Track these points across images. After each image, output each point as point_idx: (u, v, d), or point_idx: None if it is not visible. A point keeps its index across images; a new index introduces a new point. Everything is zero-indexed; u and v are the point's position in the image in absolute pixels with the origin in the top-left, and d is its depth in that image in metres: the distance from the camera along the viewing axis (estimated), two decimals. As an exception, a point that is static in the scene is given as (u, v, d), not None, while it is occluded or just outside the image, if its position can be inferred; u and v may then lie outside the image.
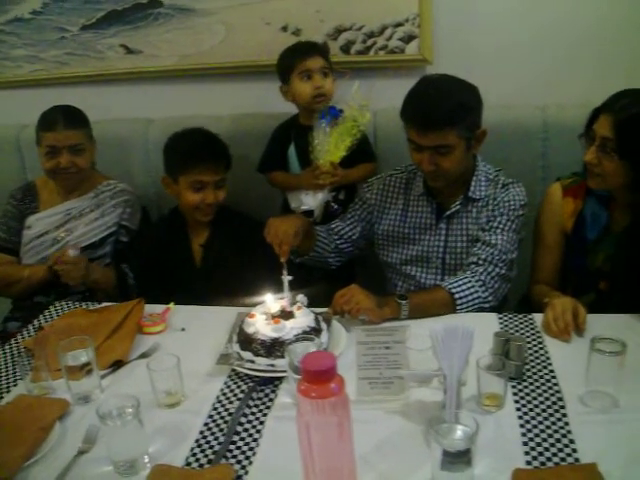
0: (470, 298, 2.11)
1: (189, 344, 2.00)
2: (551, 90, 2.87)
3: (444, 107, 2.06)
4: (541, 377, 1.72)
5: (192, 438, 1.58)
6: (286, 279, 2.03)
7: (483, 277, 2.15)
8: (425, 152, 2.12)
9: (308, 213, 2.67)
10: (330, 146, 2.55)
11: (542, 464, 1.41)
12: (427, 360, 1.61)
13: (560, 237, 2.29)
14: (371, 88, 2.55)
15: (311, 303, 2.01)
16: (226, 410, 1.69)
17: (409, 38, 2.91)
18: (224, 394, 1.76)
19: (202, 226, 2.62)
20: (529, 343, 1.88)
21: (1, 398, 1.81)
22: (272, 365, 1.79)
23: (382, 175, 2.49)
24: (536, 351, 1.85)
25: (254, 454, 1.52)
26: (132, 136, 3.21)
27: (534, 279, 2.35)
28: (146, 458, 1.50)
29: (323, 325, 1.92)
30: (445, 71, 2.22)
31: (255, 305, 1.98)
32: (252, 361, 1.81)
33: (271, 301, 1.92)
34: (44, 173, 2.74)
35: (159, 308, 2.20)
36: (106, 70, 3.32)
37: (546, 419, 1.55)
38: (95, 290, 2.63)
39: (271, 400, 1.72)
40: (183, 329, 2.12)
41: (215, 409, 1.69)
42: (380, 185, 2.46)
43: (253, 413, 1.67)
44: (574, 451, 1.44)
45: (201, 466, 1.49)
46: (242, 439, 1.57)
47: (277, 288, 2.01)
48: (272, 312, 1.89)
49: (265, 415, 1.66)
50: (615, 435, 1.48)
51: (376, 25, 2.93)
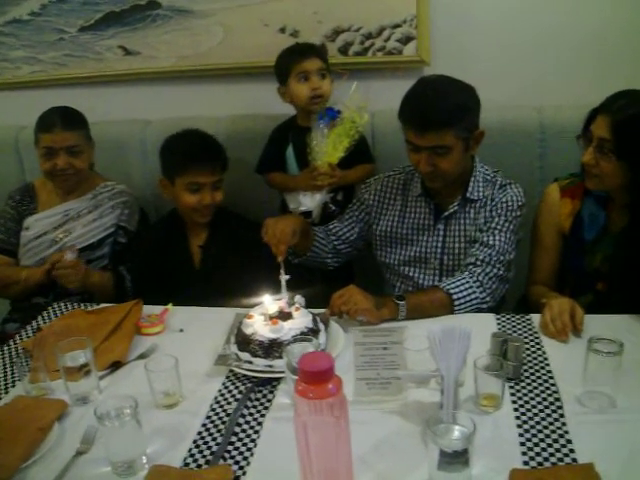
0: (468, 299, 2.11)
1: (187, 345, 2.00)
2: (549, 92, 2.87)
3: (442, 108, 2.06)
4: (538, 377, 1.73)
5: (190, 439, 1.58)
6: (284, 278, 2.04)
7: (481, 278, 2.15)
8: (423, 153, 2.13)
9: (306, 214, 2.67)
10: (328, 147, 2.55)
11: (539, 464, 1.41)
12: (424, 361, 1.61)
13: (558, 238, 2.29)
14: (369, 89, 2.55)
15: (309, 304, 2.01)
16: (224, 411, 1.69)
17: (407, 39, 2.91)
18: (222, 395, 1.76)
19: (200, 227, 2.62)
20: (527, 344, 1.88)
21: (-1, 399, 1.81)
22: (270, 366, 1.79)
23: (380, 176, 2.50)
24: (534, 352, 1.85)
25: (252, 455, 1.52)
26: (130, 137, 3.21)
27: (532, 280, 2.35)
28: (144, 459, 1.50)
29: (321, 326, 1.92)
30: (442, 72, 2.22)
31: (253, 306, 1.98)
32: (250, 362, 1.81)
33: (269, 302, 1.91)
34: (42, 174, 2.74)
35: (157, 309, 2.20)
36: (104, 71, 3.32)
37: (543, 419, 1.56)
38: (92, 293, 2.63)
39: (269, 401, 1.72)
40: (181, 330, 2.13)
41: (213, 410, 1.69)
42: (378, 186, 2.46)
43: (251, 414, 1.67)
44: (571, 451, 1.44)
45: (199, 467, 1.49)
46: (240, 440, 1.57)
47: (276, 289, 2.01)
48: (270, 313, 1.88)
49: (263, 416, 1.66)
50: (612, 435, 1.48)
51: (374, 26, 2.94)
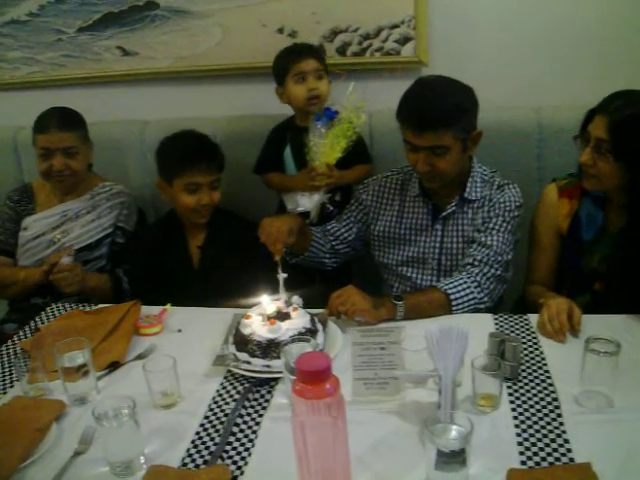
0: (466, 299, 2.11)
1: (185, 345, 2.00)
2: (547, 92, 2.87)
3: (440, 108, 2.06)
4: (536, 377, 1.73)
5: (188, 439, 1.59)
6: (281, 277, 2.04)
7: (479, 278, 2.16)
8: (421, 153, 2.13)
9: (304, 215, 2.67)
10: (326, 148, 2.54)
11: (537, 464, 1.42)
12: (422, 361, 1.61)
13: (555, 238, 2.30)
14: (366, 90, 2.54)
15: (307, 304, 2.01)
16: (222, 411, 1.69)
17: (405, 40, 2.92)
18: (220, 395, 1.76)
19: (199, 228, 2.62)
20: (524, 344, 1.88)
21: (-2, 400, 1.81)
22: (268, 366, 1.79)
23: (378, 176, 2.50)
24: (531, 352, 1.85)
25: (250, 455, 1.52)
26: (128, 138, 3.21)
27: (529, 280, 2.35)
28: (142, 459, 1.50)
29: (319, 326, 1.92)
30: (440, 73, 2.22)
31: (251, 306, 1.98)
32: (248, 362, 1.81)
33: (267, 302, 1.91)
34: (39, 175, 2.74)
35: (156, 309, 2.20)
36: (102, 72, 3.32)
37: (541, 419, 1.56)
38: (90, 296, 2.62)
39: (267, 401, 1.72)
40: (179, 330, 2.13)
41: (211, 410, 1.69)
42: (376, 186, 2.46)
43: (249, 414, 1.67)
44: (569, 451, 1.44)
45: (197, 466, 1.49)
46: (238, 440, 1.57)
47: (274, 289, 2.01)
48: (268, 313, 1.88)
49: (261, 416, 1.66)
50: (609, 435, 1.49)
51: (372, 27, 2.94)
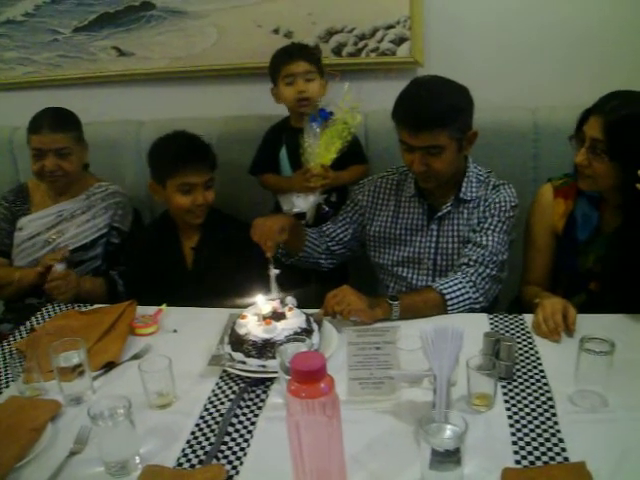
0: (461, 299, 2.11)
1: (181, 345, 2.00)
2: (543, 94, 2.88)
3: (435, 108, 2.07)
4: (531, 377, 1.73)
5: (183, 439, 1.59)
6: (273, 273, 2.04)
7: (474, 278, 2.16)
8: (416, 153, 2.13)
9: (300, 215, 2.67)
10: (321, 149, 2.55)
11: (531, 463, 1.42)
12: (417, 360, 1.61)
13: (551, 238, 2.30)
14: (362, 90, 2.54)
15: (303, 304, 2.01)
16: (217, 411, 1.69)
17: (400, 40, 2.92)
18: (215, 395, 1.76)
19: (192, 229, 2.61)
20: (519, 343, 1.89)
21: (-7, 400, 1.81)
22: (263, 366, 1.79)
23: (373, 177, 2.50)
24: (526, 351, 1.86)
25: (245, 454, 1.52)
26: (124, 138, 3.21)
27: (525, 280, 2.36)
28: (137, 459, 1.50)
29: (314, 326, 1.92)
30: (436, 73, 2.22)
31: (247, 306, 1.98)
32: (243, 362, 1.81)
33: (262, 302, 1.91)
34: (33, 175, 2.74)
35: (151, 310, 2.20)
36: (98, 72, 3.32)
37: (535, 418, 1.56)
38: (85, 300, 2.60)
39: (262, 401, 1.72)
40: (175, 330, 2.13)
41: (206, 410, 1.70)
42: (371, 187, 2.46)
43: (244, 414, 1.67)
44: (563, 450, 1.45)
45: (192, 466, 1.50)
46: (233, 439, 1.57)
47: (268, 288, 2.02)
48: (263, 313, 1.88)
49: (256, 416, 1.66)
50: (604, 434, 1.49)
51: (367, 27, 2.94)
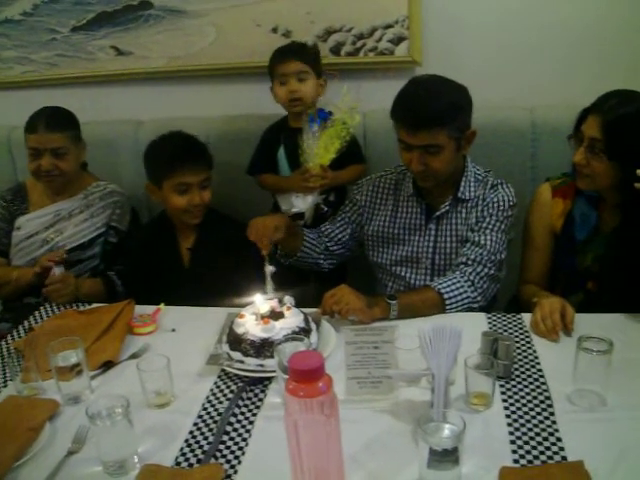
0: (459, 298, 2.11)
1: (179, 345, 2.00)
2: (542, 93, 2.88)
3: (434, 107, 2.07)
4: (529, 376, 1.73)
5: (182, 438, 1.59)
6: (268, 270, 2.05)
7: (472, 277, 2.16)
8: (415, 152, 2.13)
9: (298, 215, 2.67)
10: (320, 149, 2.54)
11: (529, 462, 1.42)
12: (415, 360, 1.61)
13: (549, 237, 2.30)
14: (360, 89, 2.53)
15: (301, 303, 2.01)
16: (216, 410, 1.69)
17: (398, 40, 2.92)
18: (214, 394, 1.76)
19: (190, 229, 2.60)
20: (517, 342, 1.89)
21: (-9, 399, 1.81)
22: (261, 365, 1.79)
23: (372, 176, 2.50)
24: (524, 350, 1.86)
25: (243, 454, 1.52)
26: (122, 137, 3.21)
27: (523, 279, 2.36)
28: (135, 458, 1.50)
29: (312, 325, 1.92)
30: (434, 72, 2.22)
31: (244, 305, 1.98)
32: (242, 361, 1.81)
33: (261, 301, 1.91)
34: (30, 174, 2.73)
35: (149, 309, 2.20)
36: (96, 71, 3.32)
37: (534, 418, 1.56)
38: (83, 301, 2.59)
39: (260, 400, 1.72)
40: (173, 330, 2.13)
41: (205, 409, 1.70)
42: (370, 186, 2.46)
43: (242, 413, 1.67)
44: (561, 449, 1.45)
45: (190, 466, 1.50)
46: (231, 439, 1.57)
47: (264, 286, 2.02)
48: (262, 312, 1.88)
49: (254, 415, 1.66)
50: (602, 433, 1.49)
51: (366, 27, 2.94)
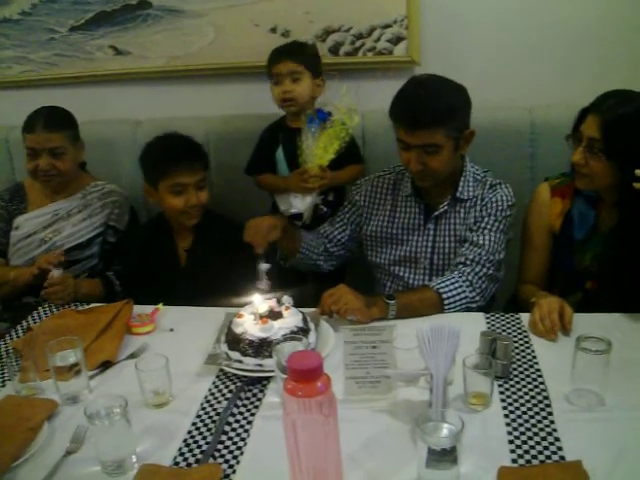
0: (458, 298, 2.11)
1: (177, 344, 2.00)
2: (541, 93, 2.87)
3: (432, 107, 2.07)
4: (527, 376, 1.74)
5: (180, 438, 1.59)
6: (263, 267, 2.06)
7: (470, 277, 2.16)
8: (413, 151, 2.13)
9: (297, 216, 2.67)
10: (318, 150, 2.54)
11: (528, 462, 1.42)
12: (414, 359, 1.61)
13: (548, 237, 2.30)
14: (359, 89, 2.53)
15: (299, 303, 2.01)
16: (214, 410, 1.69)
17: (397, 40, 2.92)
18: (212, 394, 1.76)
19: (187, 230, 2.59)
20: (516, 342, 1.89)
21: (-11, 399, 1.80)
22: (260, 365, 1.79)
23: (370, 176, 2.50)
24: (523, 350, 1.86)
25: (242, 453, 1.52)
26: (121, 137, 3.20)
27: (522, 279, 2.36)
28: (134, 458, 1.50)
29: (311, 325, 1.92)
30: (433, 72, 2.22)
31: (243, 305, 1.98)
32: (240, 361, 1.81)
33: (259, 301, 1.91)
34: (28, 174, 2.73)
35: (148, 309, 2.20)
36: (95, 71, 3.32)
37: (532, 417, 1.56)
38: (82, 302, 2.59)
39: (259, 400, 1.72)
40: (172, 329, 2.13)
41: (203, 409, 1.70)
42: (368, 186, 2.46)
43: (241, 413, 1.67)
44: (559, 449, 1.45)
45: (189, 465, 1.50)
46: (230, 438, 1.57)
47: (259, 284, 2.02)
48: (260, 312, 1.88)
49: (253, 415, 1.66)
50: (600, 433, 1.49)
51: (364, 27, 2.94)
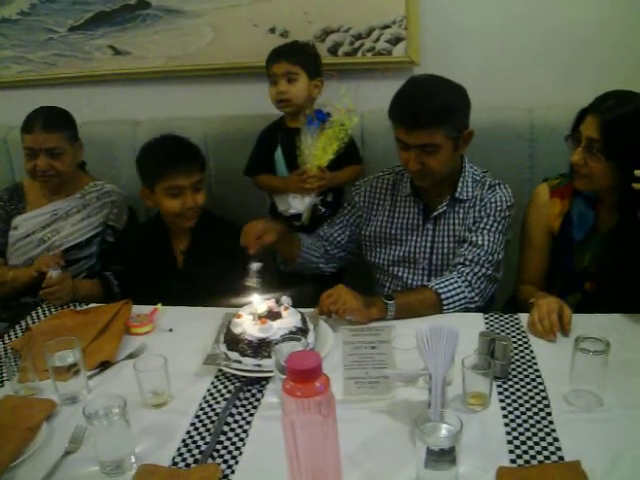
0: (456, 298, 2.12)
1: (176, 344, 2.00)
2: (540, 94, 2.88)
3: (431, 106, 2.07)
4: (526, 376, 1.74)
5: (179, 438, 1.59)
6: (255, 266, 2.08)
7: (469, 278, 2.16)
8: (412, 151, 2.13)
9: (296, 217, 2.67)
10: (317, 150, 2.53)
11: (526, 462, 1.42)
12: (413, 360, 1.62)
13: (547, 238, 2.30)
14: (358, 90, 2.52)
15: (298, 303, 2.01)
16: (213, 410, 1.69)
17: (396, 40, 2.92)
18: (211, 394, 1.76)
19: (184, 232, 2.58)
20: (515, 343, 1.89)
21: (-12, 399, 1.80)
22: (259, 365, 1.79)
23: (369, 177, 2.50)
24: (521, 351, 1.86)
25: (240, 454, 1.52)
26: (119, 137, 3.20)
27: (520, 279, 2.36)
28: (133, 458, 1.50)
29: (310, 325, 1.92)
30: (432, 73, 2.22)
31: (241, 306, 1.98)
32: (239, 361, 1.81)
33: (258, 302, 1.91)
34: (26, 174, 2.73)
35: (147, 309, 2.20)
36: (94, 71, 3.31)
37: (531, 418, 1.57)
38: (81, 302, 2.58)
39: (258, 400, 1.72)
40: (170, 330, 2.13)
41: (202, 409, 1.70)
42: (368, 187, 2.46)
43: (240, 413, 1.67)
44: (558, 449, 1.45)
45: (188, 466, 1.50)
46: (229, 439, 1.57)
47: (259, 291, 2.02)
48: (259, 312, 1.88)
49: (252, 415, 1.66)
50: (599, 433, 1.49)
51: (363, 27, 2.94)
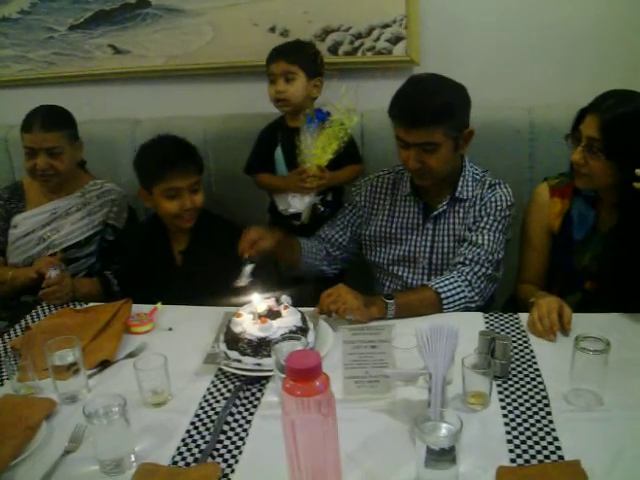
0: (456, 298, 2.12)
1: (176, 344, 2.00)
2: (540, 93, 2.87)
3: (431, 105, 2.07)
4: (526, 376, 1.74)
5: (179, 437, 1.59)
6: (248, 267, 2.09)
7: (469, 277, 2.16)
8: (412, 149, 2.14)
9: (295, 216, 2.67)
10: (317, 150, 2.53)
11: (526, 462, 1.43)
12: (413, 359, 1.62)
13: (547, 237, 2.30)
14: (358, 89, 2.52)
15: (298, 303, 2.01)
16: (213, 409, 1.69)
17: (396, 39, 2.92)
18: (211, 393, 1.76)
19: (182, 232, 2.56)
20: (514, 342, 1.89)
21: (-12, 398, 1.80)
22: (259, 364, 1.79)
23: (369, 177, 2.50)
24: (521, 350, 1.86)
25: (240, 453, 1.52)
26: (119, 136, 3.20)
27: (520, 279, 2.36)
28: (132, 457, 1.50)
29: (310, 324, 1.92)
30: (432, 72, 2.22)
31: (242, 305, 1.98)
32: (239, 360, 1.81)
33: (258, 301, 1.91)
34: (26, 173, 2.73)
35: (146, 308, 2.20)
36: (94, 70, 3.31)
37: (531, 417, 1.57)
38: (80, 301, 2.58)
39: (258, 399, 1.72)
40: (170, 329, 2.12)
41: (202, 408, 1.70)
42: (368, 187, 2.46)
43: (240, 412, 1.67)
44: (558, 449, 1.45)
45: (187, 465, 1.50)
46: (229, 438, 1.57)
47: (258, 290, 2.02)
48: (259, 311, 1.88)
49: (252, 414, 1.66)
50: (599, 432, 1.50)
51: (363, 26, 2.94)
